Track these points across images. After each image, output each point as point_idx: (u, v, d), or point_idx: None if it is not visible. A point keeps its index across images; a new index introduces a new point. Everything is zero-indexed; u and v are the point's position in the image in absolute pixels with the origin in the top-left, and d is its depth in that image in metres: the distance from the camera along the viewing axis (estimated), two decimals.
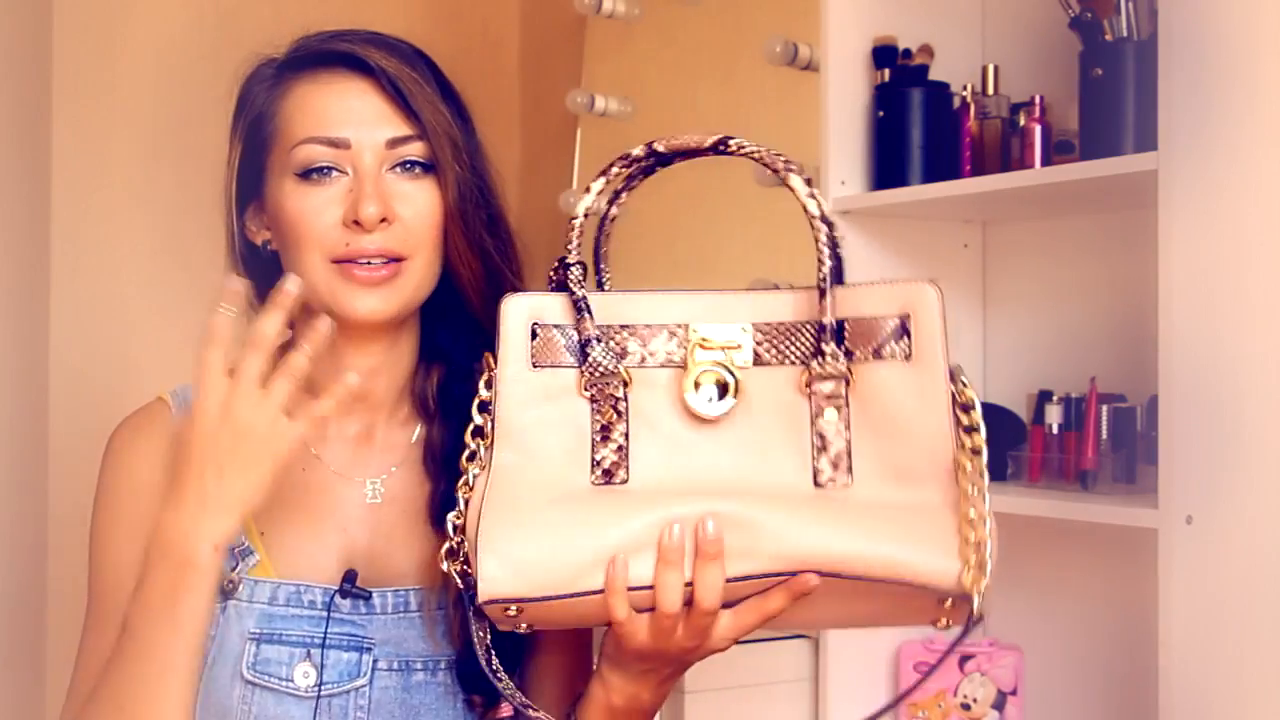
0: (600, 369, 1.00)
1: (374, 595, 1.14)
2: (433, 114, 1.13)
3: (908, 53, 1.91)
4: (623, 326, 1.01)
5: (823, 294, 0.98)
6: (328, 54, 1.15)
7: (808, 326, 0.99)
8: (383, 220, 1.10)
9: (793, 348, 1.00)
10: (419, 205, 1.13)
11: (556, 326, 1.01)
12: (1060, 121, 1.81)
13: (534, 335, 1.01)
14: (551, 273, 1.02)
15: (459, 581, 1.02)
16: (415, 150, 1.13)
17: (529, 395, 1.00)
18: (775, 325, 1.00)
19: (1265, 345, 1.51)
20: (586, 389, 1.00)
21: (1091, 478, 1.71)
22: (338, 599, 1.13)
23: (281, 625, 1.13)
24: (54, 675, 2.22)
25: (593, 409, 1.00)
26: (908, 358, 0.97)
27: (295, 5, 2.45)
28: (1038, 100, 1.80)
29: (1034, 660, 1.91)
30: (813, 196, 0.98)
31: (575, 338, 1.01)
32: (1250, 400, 1.51)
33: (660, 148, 1.02)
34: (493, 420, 1.01)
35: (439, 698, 1.14)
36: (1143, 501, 1.58)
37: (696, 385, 0.99)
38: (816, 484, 0.98)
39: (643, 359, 1.00)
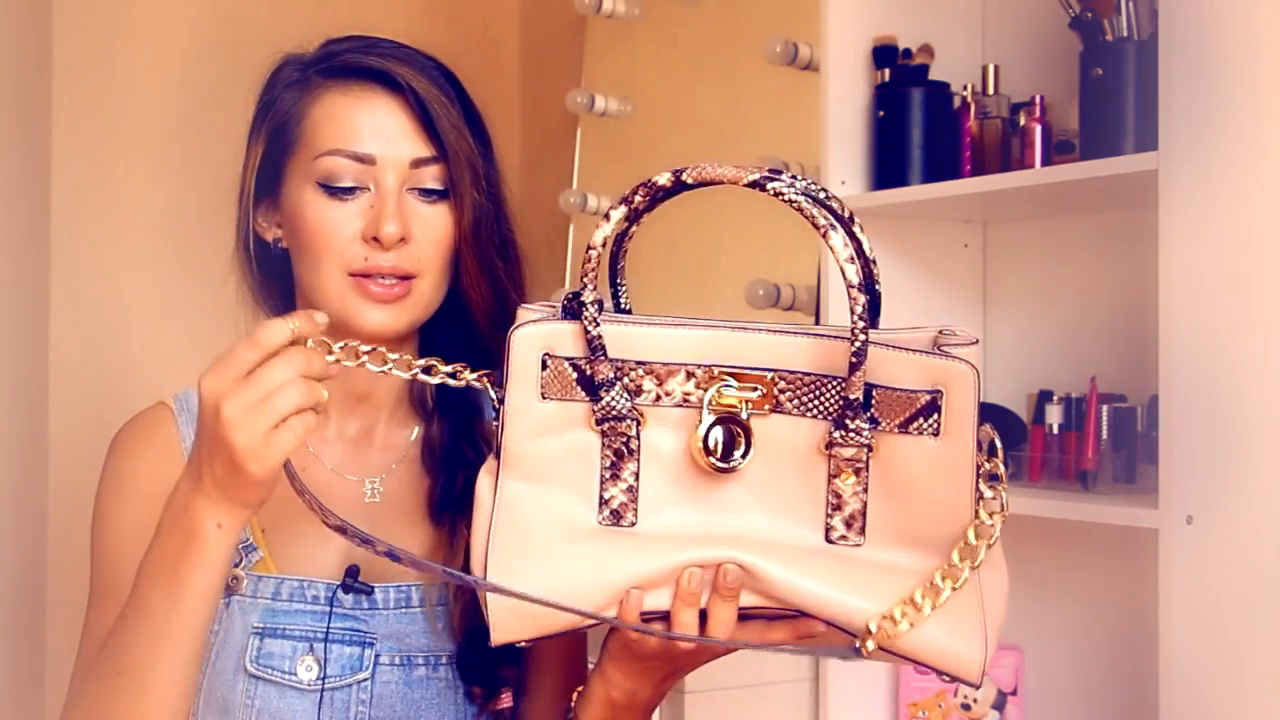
0: (614, 411, 0.96)
1: (376, 590, 1.15)
2: (456, 138, 1.15)
3: (908, 53, 1.91)
4: (639, 363, 0.97)
5: (853, 367, 0.93)
6: (360, 68, 1.15)
7: (834, 384, 0.95)
8: (401, 240, 1.12)
9: (817, 403, 0.96)
10: (432, 228, 1.14)
11: (569, 359, 0.97)
12: (1060, 121, 1.81)
13: (544, 366, 0.97)
14: (566, 300, 0.97)
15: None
16: (435, 173, 1.14)
17: (535, 427, 0.97)
18: (800, 376, 0.96)
19: (1265, 345, 1.51)
20: (598, 423, 0.97)
21: (1092, 478, 1.70)
22: (340, 594, 1.14)
23: (285, 620, 1.14)
24: (54, 675, 2.22)
25: (603, 443, 0.97)
26: (936, 434, 0.93)
27: (295, 5, 2.47)
28: (1038, 100, 1.80)
29: (1034, 660, 1.91)
30: (851, 261, 0.94)
31: (589, 374, 0.96)
32: (1250, 400, 1.51)
33: (688, 179, 0.95)
34: (499, 447, 0.98)
35: (440, 691, 1.15)
36: (1143, 501, 1.58)
37: (710, 437, 0.95)
38: (828, 540, 0.96)
39: (658, 398, 0.97)
